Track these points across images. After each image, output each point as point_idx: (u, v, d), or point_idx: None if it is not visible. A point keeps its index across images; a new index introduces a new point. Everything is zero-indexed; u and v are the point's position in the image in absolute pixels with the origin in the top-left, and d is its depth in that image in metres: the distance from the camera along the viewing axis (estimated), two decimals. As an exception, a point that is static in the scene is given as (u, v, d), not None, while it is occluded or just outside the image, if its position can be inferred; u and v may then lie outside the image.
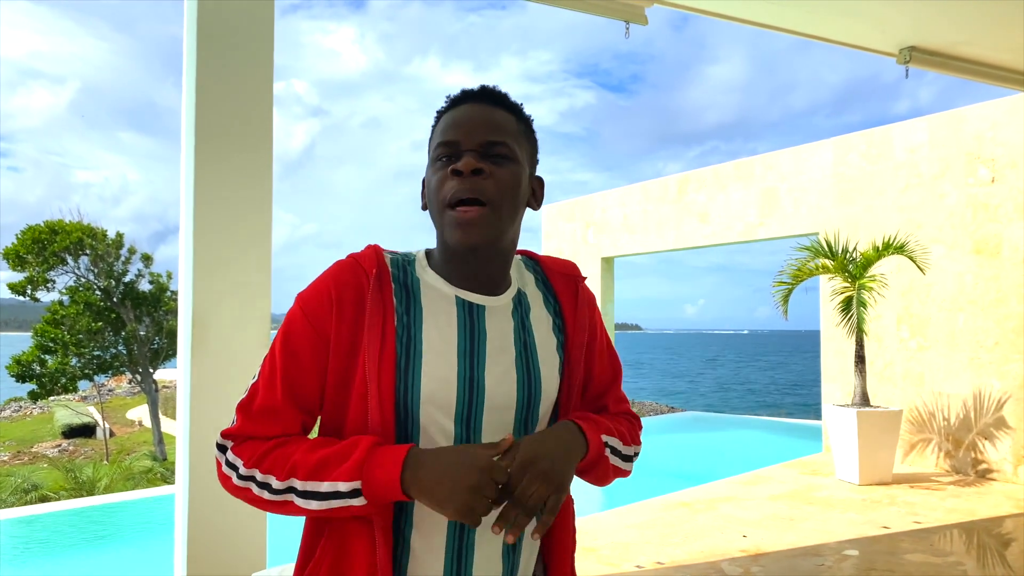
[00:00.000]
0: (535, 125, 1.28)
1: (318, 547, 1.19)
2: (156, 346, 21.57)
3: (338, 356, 1.14)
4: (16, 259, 20.24)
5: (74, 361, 20.92)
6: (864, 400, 7.09)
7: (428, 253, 1.26)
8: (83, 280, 21.06)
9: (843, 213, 8.35)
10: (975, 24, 4.91)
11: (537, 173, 1.29)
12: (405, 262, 1.23)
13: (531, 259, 1.35)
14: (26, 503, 12.10)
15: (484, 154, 1.15)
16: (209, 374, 2.95)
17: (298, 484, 1.10)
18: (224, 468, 1.16)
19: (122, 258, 21.42)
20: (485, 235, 1.14)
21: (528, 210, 1.28)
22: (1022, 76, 5.85)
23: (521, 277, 1.30)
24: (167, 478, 13.89)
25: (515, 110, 1.22)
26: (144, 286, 21.61)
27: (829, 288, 7.76)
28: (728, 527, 5.44)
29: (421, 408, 1.13)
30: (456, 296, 1.19)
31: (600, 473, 1.25)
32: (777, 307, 7.64)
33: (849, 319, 7.20)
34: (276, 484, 1.11)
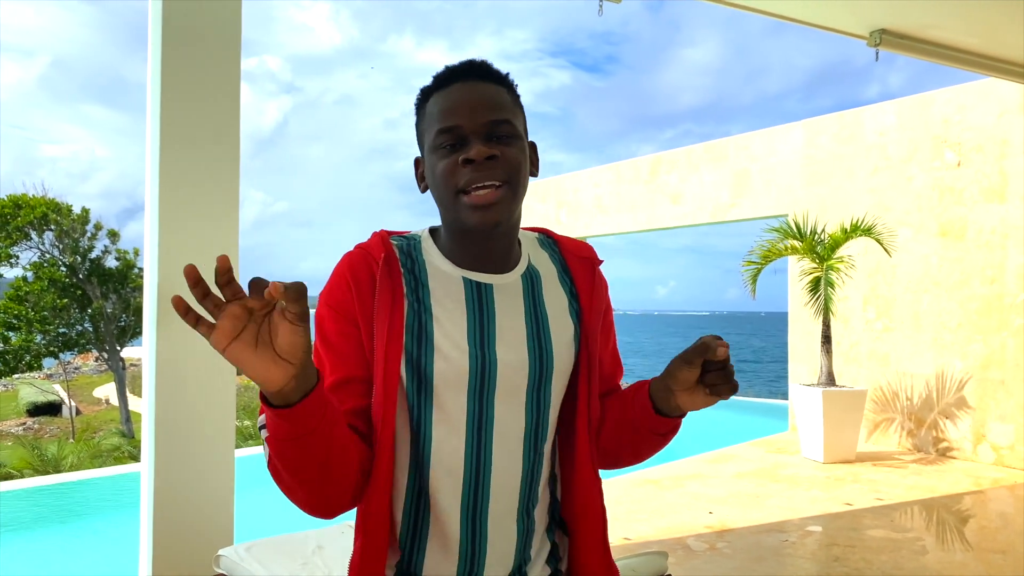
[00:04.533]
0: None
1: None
2: (123, 323, 21.29)
3: (368, 336, 1.15)
4: (-22, 234, 19.84)
5: (39, 338, 20.59)
6: (830, 380, 7.20)
7: (433, 232, 1.27)
8: (48, 256, 20.69)
9: (813, 195, 8.43)
10: (944, 8, 4.96)
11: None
12: (411, 246, 1.24)
13: (548, 237, 1.36)
14: (-10, 481, 11.93)
15: (489, 135, 1.14)
16: (175, 351, 2.92)
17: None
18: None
19: (88, 234, 21.06)
20: (503, 214, 1.14)
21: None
22: (989, 61, 5.92)
23: (535, 254, 1.30)
24: (134, 456, 13.76)
25: (504, 81, 1.20)
26: (111, 262, 21.28)
27: (798, 269, 7.86)
28: (695, 504, 5.51)
29: (435, 386, 1.15)
30: (463, 277, 1.20)
31: (666, 440, 1.29)
32: (746, 287, 7.72)
33: (817, 299, 7.30)
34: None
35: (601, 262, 1.35)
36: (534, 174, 1.25)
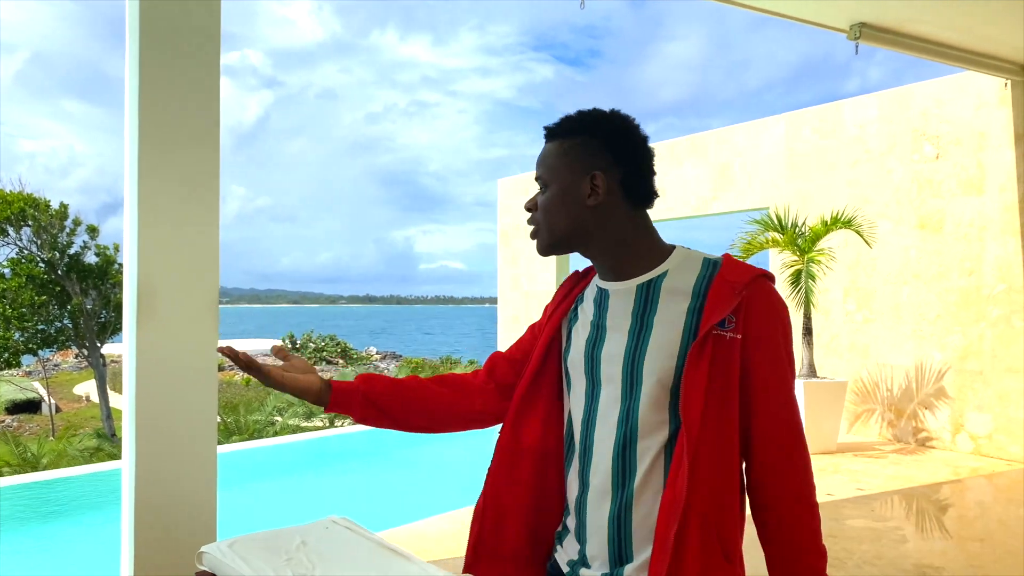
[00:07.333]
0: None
1: None
2: (103, 320, 21.06)
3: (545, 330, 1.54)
4: (-47, 230, 19.57)
5: (17, 335, 20.33)
6: (811, 371, 7.25)
7: None
8: (26, 252, 20.43)
9: (795, 188, 8.48)
10: (923, 2, 5.00)
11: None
12: None
13: (716, 262, 1.39)
14: (-31, 480, 11.78)
15: (539, 188, 1.45)
16: (155, 347, 2.89)
17: None
18: None
19: (66, 230, 20.80)
20: (540, 247, 1.45)
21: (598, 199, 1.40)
22: (967, 54, 5.98)
23: (678, 271, 1.38)
24: (115, 454, 13.63)
25: (560, 134, 1.43)
26: (90, 258, 21.01)
27: (779, 262, 7.90)
28: (678, 496, 5.54)
29: (570, 371, 1.46)
30: (595, 284, 1.48)
31: None
32: (728, 280, 7.75)
33: (798, 292, 7.35)
34: None
35: (740, 286, 1.31)
36: (593, 202, 1.38)
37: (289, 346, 35.65)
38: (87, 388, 27.18)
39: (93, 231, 21.27)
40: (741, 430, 1.31)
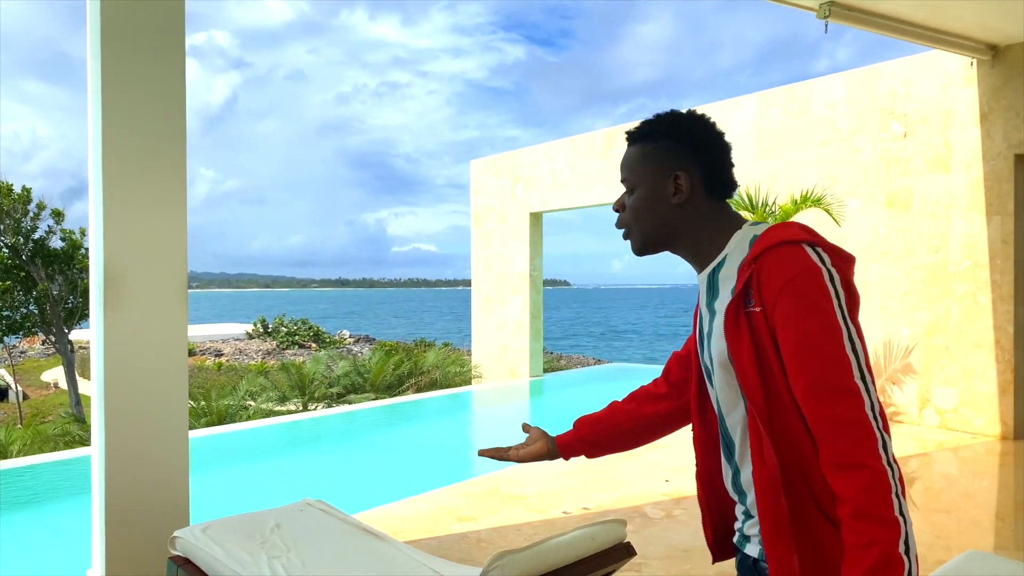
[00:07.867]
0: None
1: None
2: (70, 306, 20.73)
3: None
4: (-87, 216, 19.11)
5: (-19, 322, 19.99)
6: (782, 349, 7.33)
7: None
8: (-13, 238, 20.03)
9: (764, 167, 8.54)
10: (891, -19, 5.02)
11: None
12: None
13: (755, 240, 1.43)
14: (-65, 470, 11.57)
15: (626, 190, 1.56)
16: (123, 332, 2.86)
17: None
18: None
19: (30, 214, 20.40)
20: (635, 247, 1.56)
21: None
22: (934, 33, 6.04)
23: (733, 256, 1.47)
24: (85, 440, 13.46)
25: (641, 138, 1.53)
26: (56, 243, 20.64)
27: (750, 241, 7.96)
28: (651, 473, 5.60)
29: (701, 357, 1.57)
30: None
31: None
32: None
33: (768, 271, 7.40)
34: None
35: (749, 261, 1.37)
36: (678, 200, 1.48)
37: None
38: (55, 375, 26.79)
39: (58, 215, 20.88)
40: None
